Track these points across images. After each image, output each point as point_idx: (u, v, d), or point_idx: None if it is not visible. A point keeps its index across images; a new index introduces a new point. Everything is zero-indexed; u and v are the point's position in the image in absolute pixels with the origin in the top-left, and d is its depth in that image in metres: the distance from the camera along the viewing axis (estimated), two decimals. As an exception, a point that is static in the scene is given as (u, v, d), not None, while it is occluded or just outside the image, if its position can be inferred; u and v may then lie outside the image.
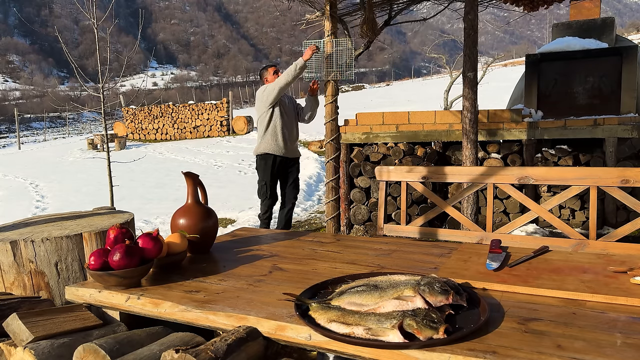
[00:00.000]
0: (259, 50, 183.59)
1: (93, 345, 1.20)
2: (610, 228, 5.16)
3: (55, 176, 11.30)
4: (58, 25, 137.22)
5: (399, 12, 5.45)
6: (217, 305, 1.34)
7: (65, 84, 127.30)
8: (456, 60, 15.43)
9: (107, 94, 4.78)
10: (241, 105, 39.49)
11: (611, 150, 5.11)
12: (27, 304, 1.55)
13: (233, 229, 3.89)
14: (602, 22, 6.86)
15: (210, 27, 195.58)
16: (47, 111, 36.71)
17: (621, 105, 5.58)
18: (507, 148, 5.50)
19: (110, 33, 4.93)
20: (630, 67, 5.56)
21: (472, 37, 4.08)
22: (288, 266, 1.66)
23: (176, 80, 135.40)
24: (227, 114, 17.79)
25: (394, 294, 1.22)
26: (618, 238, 2.39)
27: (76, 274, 1.90)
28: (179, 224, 1.80)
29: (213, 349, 1.08)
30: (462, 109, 4.31)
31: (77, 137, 24.73)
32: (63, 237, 1.87)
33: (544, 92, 6.00)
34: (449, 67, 15.81)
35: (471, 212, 4.30)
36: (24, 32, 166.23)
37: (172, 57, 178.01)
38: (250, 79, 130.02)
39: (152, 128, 18.84)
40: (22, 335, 1.28)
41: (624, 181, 2.33)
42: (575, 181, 2.46)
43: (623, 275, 1.40)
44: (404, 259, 1.69)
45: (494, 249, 1.67)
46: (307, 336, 1.17)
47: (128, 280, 1.48)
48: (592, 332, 1.09)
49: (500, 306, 1.25)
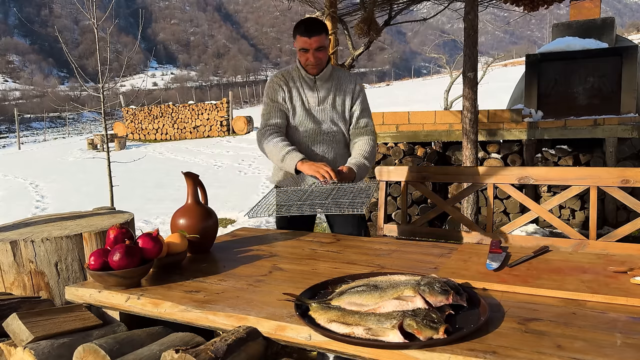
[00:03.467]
0: (259, 50, 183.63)
1: (93, 345, 1.20)
2: (610, 228, 5.15)
3: (55, 176, 11.30)
4: (58, 25, 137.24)
5: (399, 12, 5.45)
6: (217, 305, 1.34)
7: (65, 84, 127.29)
8: (456, 60, 15.42)
9: (107, 94, 4.78)
10: (241, 105, 39.52)
11: (611, 150, 5.11)
12: (27, 304, 1.55)
13: (233, 229, 3.89)
14: (602, 22, 6.86)
15: (210, 27, 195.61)
16: (47, 111, 36.71)
17: (621, 105, 5.58)
18: (507, 148, 5.50)
19: (110, 33, 4.93)
20: (630, 67, 5.56)
21: (472, 37, 4.08)
22: (288, 266, 1.66)
23: (176, 80, 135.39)
24: (227, 114, 17.79)
25: (394, 294, 1.22)
26: (618, 238, 2.38)
27: (76, 274, 1.90)
28: (179, 224, 1.80)
29: (213, 349, 1.08)
30: (462, 109, 4.31)
31: (77, 137, 24.74)
32: (63, 237, 1.87)
33: (544, 92, 6.00)
34: (449, 67, 15.81)
35: (471, 212, 4.30)
36: (24, 32, 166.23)
37: (172, 57, 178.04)
38: (250, 79, 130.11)
39: (152, 128, 18.84)
40: (22, 335, 1.28)
41: (624, 181, 2.33)
42: (575, 181, 2.46)
43: (623, 276, 1.40)
44: (404, 259, 1.69)
45: (494, 249, 1.67)
46: (307, 336, 1.17)
47: (128, 281, 1.48)
48: (592, 332, 1.09)
49: (500, 306, 1.25)
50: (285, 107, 2.44)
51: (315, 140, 2.46)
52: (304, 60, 2.37)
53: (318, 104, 2.45)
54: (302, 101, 2.45)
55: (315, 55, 2.34)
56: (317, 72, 2.40)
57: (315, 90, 2.45)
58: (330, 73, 2.47)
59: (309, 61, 2.35)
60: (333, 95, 2.46)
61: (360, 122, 2.49)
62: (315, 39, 2.30)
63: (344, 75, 2.51)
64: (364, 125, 2.49)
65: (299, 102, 2.45)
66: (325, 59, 2.40)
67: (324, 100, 2.45)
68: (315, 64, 2.36)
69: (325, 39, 2.35)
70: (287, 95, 2.44)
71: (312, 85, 2.44)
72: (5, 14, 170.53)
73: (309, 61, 2.35)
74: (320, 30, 2.31)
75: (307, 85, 2.45)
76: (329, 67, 2.46)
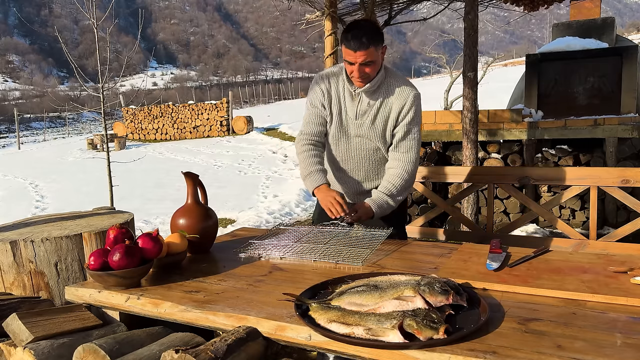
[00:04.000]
0: (258, 50, 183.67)
1: (93, 345, 1.20)
2: (610, 228, 5.15)
3: (55, 176, 11.30)
4: (58, 25, 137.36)
5: (399, 12, 5.45)
6: (217, 305, 1.34)
7: (65, 84, 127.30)
8: (456, 60, 15.41)
9: (106, 94, 4.78)
10: (241, 105, 39.52)
11: (611, 150, 5.11)
12: (27, 304, 1.55)
13: (233, 229, 3.89)
14: (602, 22, 6.86)
15: (210, 27, 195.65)
16: (47, 111, 36.73)
17: (621, 105, 5.58)
18: (507, 148, 5.50)
19: (110, 33, 4.92)
20: (630, 67, 5.56)
21: (472, 37, 4.08)
22: (288, 266, 1.66)
23: (176, 80, 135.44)
24: (227, 114, 17.78)
25: (394, 294, 1.22)
26: (618, 238, 2.39)
27: (76, 274, 1.90)
28: (179, 224, 1.80)
29: (213, 349, 1.08)
30: (462, 109, 4.31)
31: (77, 137, 24.72)
32: (63, 237, 1.87)
33: (544, 92, 6.00)
34: (449, 67, 15.80)
35: (471, 212, 4.31)
36: (24, 32, 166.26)
37: (172, 57, 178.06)
38: (250, 79, 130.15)
39: (151, 128, 18.84)
40: (22, 335, 1.28)
41: (624, 181, 2.33)
42: (575, 181, 2.46)
43: (623, 276, 1.40)
44: (404, 259, 1.69)
45: (494, 249, 1.67)
46: (307, 336, 1.17)
47: (128, 281, 1.48)
48: (592, 332, 1.09)
49: (500, 306, 1.25)
50: (324, 113, 2.20)
51: (346, 156, 2.23)
52: (349, 71, 2.07)
53: (357, 117, 2.15)
54: (339, 110, 2.18)
55: (361, 70, 2.02)
56: (362, 86, 2.09)
57: (356, 101, 2.15)
58: (379, 84, 2.11)
59: (353, 74, 2.05)
60: (376, 110, 2.13)
61: (401, 146, 2.14)
62: (361, 53, 1.96)
63: (398, 89, 2.12)
64: (403, 151, 2.14)
65: (337, 109, 2.18)
66: (374, 73, 2.05)
67: (363, 114, 2.14)
68: (361, 79, 2.05)
69: (375, 52, 1.99)
70: (326, 100, 2.18)
71: (354, 95, 2.15)
72: (5, 14, 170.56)
73: (354, 75, 2.05)
74: (368, 44, 1.95)
75: (349, 93, 2.16)
76: (380, 76, 2.10)
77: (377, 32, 2.00)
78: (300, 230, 2.02)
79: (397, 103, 2.11)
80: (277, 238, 1.94)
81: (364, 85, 2.08)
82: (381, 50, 2.04)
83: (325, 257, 1.68)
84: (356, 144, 2.19)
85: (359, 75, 2.03)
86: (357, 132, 2.17)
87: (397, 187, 2.10)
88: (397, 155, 2.15)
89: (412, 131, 2.13)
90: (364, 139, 2.17)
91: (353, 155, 2.21)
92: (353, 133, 2.18)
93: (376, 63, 2.02)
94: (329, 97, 2.18)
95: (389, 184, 2.11)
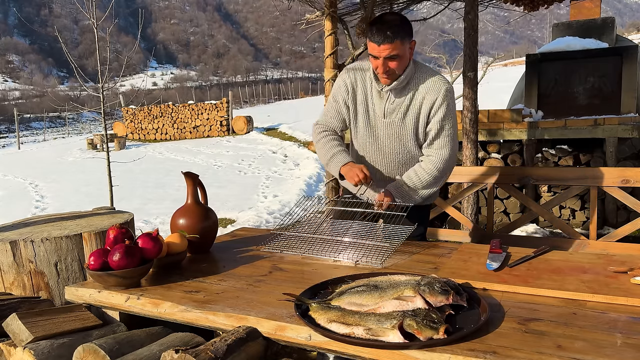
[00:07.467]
0: (258, 50, 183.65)
1: (93, 345, 1.20)
2: (610, 228, 5.15)
3: (55, 176, 11.29)
4: (58, 25, 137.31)
5: (399, 12, 5.45)
6: (217, 305, 1.34)
7: (65, 83, 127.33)
8: (456, 60, 15.42)
9: (106, 94, 4.78)
10: (241, 105, 39.52)
11: (611, 150, 5.11)
12: (26, 304, 1.55)
13: (233, 229, 3.89)
14: (602, 22, 6.86)
15: (210, 27, 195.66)
16: (47, 111, 36.73)
17: (621, 105, 5.58)
18: (507, 148, 5.50)
19: (110, 33, 4.92)
20: (630, 67, 5.56)
21: (472, 37, 4.08)
22: (288, 266, 1.66)
23: (176, 80, 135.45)
24: (227, 114, 17.78)
25: (394, 294, 1.22)
26: (618, 238, 2.39)
27: (76, 274, 1.90)
28: (179, 224, 1.80)
29: (213, 349, 1.08)
30: (462, 109, 4.31)
31: (77, 137, 24.71)
32: (63, 237, 1.87)
33: (544, 92, 6.00)
34: (449, 67, 15.80)
35: (471, 212, 4.31)
36: (24, 32, 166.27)
37: (172, 57, 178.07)
38: (250, 79, 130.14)
39: (151, 128, 18.84)
40: (21, 335, 1.28)
41: (624, 181, 2.33)
42: (575, 181, 2.46)
43: (623, 276, 1.40)
44: (404, 259, 1.69)
45: (494, 249, 1.67)
46: (307, 336, 1.17)
47: (128, 281, 1.48)
48: (592, 332, 1.09)
49: (500, 306, 1.25)
50: (345, 111, 2.09)
51: (375, 157, 2.10)
52: (373, 66, 1.95)
53: (385, 116, 2.02)
54: (366, 107, 2.05)
55: (386, 64, 1.90)
56: (389, 83, 1.97)
57: (384, 99, 2.02)
58: (408, 81, 1.98)
59: (378, 70, 1.93)
60: (406, 107, 1.99)
61: (435, 144, 2.02)
62: (385, 47, 1.85)
63: (429, 83, 1.99)
64: (437, 148, 2.01)
65: (363, 107, 2.06)
66: (400, 69, 1.93)
67: (392, 113, 2.01)
68: (386, 75, 1.93)
69: (402, 45, 1.86)
70: (350, 97, 2.07)
71: (381, 92, 2.02)
72: (5, 14, 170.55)
73: (379, 70, 1.93)
74: (393, 37, 1.83)
75: (376, 90, 2.03)
76: (409, 72, 1.96)
77: (404, 25, 1.89)
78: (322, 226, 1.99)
79: (429, 98, 1.97)
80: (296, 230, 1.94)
81: (390, 83, 1.97)
82: (409, 45, 1.91)
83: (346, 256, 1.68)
84: (385, 143, 2.06)
85: (384, 71, 1.91)
86: (385, 131, 2.04)
87: (426, 182, 2.01)
88: (430, 152, 2.04)
89: (445, 127, 2.00)
90: (392, 139, 2.04)
91: (382, 155, 2.09)
92: (381, 132, 2.05)
93: (403, 58, 1.90)
94: (353, 93, 2.07)
95: (417, 175, 2.01)
